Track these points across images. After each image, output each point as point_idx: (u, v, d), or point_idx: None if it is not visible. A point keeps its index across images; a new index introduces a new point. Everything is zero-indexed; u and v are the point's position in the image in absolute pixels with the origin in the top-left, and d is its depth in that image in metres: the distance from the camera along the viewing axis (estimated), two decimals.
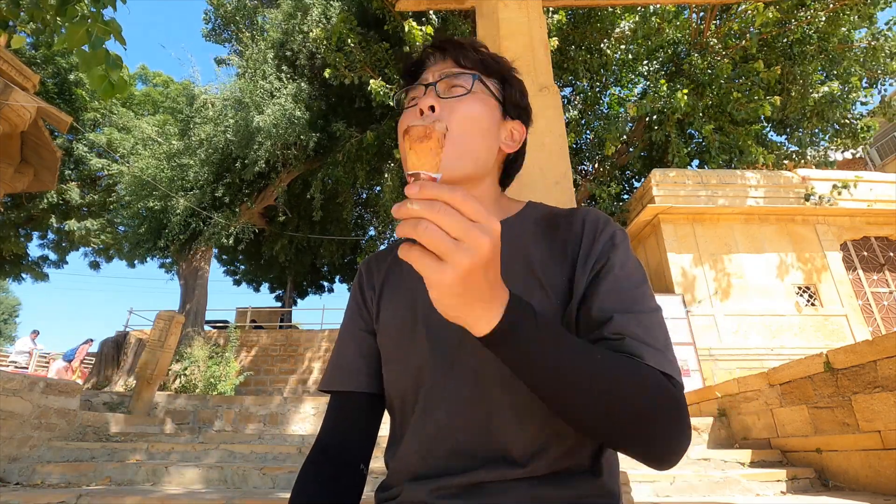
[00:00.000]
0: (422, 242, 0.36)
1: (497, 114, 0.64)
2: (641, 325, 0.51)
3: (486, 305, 0.40)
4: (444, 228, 0.36)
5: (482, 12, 2.18)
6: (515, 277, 0.58)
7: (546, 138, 1.74)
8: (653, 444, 0.47)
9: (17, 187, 6.22)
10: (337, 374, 0.69)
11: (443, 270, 0.36)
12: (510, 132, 0.67)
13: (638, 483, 2.97)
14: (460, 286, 0.37)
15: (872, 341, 2.91)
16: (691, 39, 9.38)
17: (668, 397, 0.47)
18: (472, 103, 0.61)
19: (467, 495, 0.54)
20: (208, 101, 10.74)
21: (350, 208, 12.88)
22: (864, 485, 2.90)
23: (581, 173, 10.22)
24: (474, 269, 0.37)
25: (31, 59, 11.64)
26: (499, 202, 0.69)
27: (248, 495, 2.70)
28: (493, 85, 0.65)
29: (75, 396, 4.00)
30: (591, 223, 0.60)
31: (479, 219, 0.37)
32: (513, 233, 0.63)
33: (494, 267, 0.40)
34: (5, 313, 38.02)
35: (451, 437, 0.57)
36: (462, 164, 0.60)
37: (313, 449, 0.65)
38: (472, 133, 0.60)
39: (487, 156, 0.63)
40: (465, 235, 0.36)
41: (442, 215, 0.36)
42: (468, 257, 0.36)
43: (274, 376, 12.04)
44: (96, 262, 15.69)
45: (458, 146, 0.59)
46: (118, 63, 2.16)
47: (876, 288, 8.01)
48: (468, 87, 0.62)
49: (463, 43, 0.65)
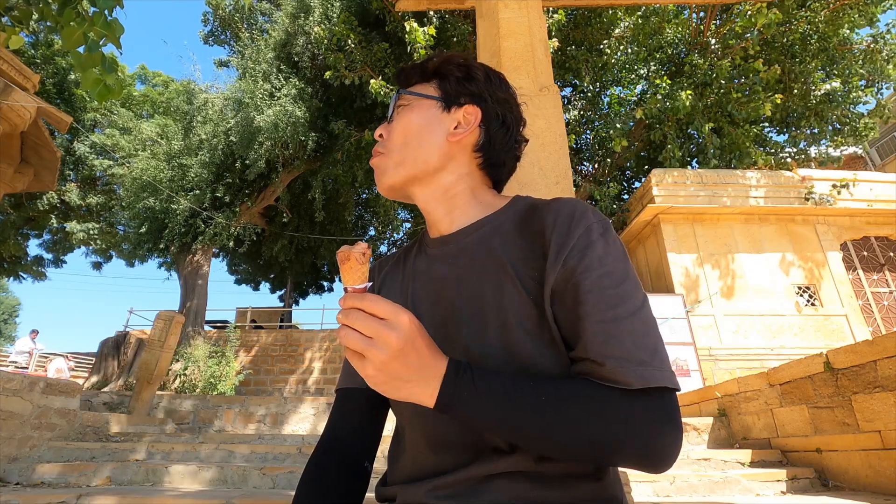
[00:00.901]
0: (344, 344, 0.45)
1: (433, 111, 0.67)
2: (623, 337, 0.50)
3: (418, 384, 0.47)
4: (360, 330, 0.44)
5: (482, 12, 2.18)
6: (487, 275, 0.59)
7: (546, 138, 1.74)
8: (634, 461, 0.49)
9: (17, 187, 6.21)
10: (343, 373, 0.71)
11: (364, 365, 0.45)
12: (459, 119, 0.67)
13: (638, 483, 2.97)
14: (383, 374, 0.45)
15: (872, 341, 2.90)
16: (691, 39, 9.38)
17: (645, 419, 0.48)
18: (402, 116, 0.68)
19: (464, 495, 0.54)
20: (208, 100, 10.74)
21: (350, 208, 12.89)
22: (865, 485, 2.90)
23: (581, 173, 10.22)
24: (388, 359, 0.44)
25: (31, 60, 11.65)
26: (477, 198, 0.68)
27: (248, 495, 2.70)
28: (429, 87, 0.69)
29: (75, 396, 4.00)
30: (565, 215, 0.57)
31: (386, 316, 0.44)
32: (488, 231, 0.63)
33: (414, 351, 0.46)
34: (5, 313, 38.02)
35: (442, 432, 0.57)
36: (401, 169, 0.66)
37: (317, 446, 0.66)
38: (404, 139, 0.66)
39: (429, 152, 0.65)
40: (374, 334, 0.44)
41: (355, 320, 0.44)
42: (380, 352, 0.44)
43: (274, 376, 12.04)
44: (97, 263, 15.70)
45: (393, 156, 0.66)
46: (114, 66, 2.14)
47: (876, 288, 8.01)
48: (401, 104, 0.69)
49: (405, 69, 0.71)
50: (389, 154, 0.67)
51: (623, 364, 0.49)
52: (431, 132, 0.66)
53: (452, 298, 0.61)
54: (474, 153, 0.68)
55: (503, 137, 0.68)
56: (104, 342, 10.04)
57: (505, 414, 0.48)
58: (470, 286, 0.60)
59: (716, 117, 8.74)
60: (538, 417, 0.48)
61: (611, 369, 0.49)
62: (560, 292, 0.54)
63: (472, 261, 0.62)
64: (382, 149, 0.68)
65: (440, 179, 0.67)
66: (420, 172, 0.66)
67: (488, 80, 0.69)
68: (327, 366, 12.25)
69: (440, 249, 0.66)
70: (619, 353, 0.49)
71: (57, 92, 12.45)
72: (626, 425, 0.47)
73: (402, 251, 0.76)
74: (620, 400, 0.48)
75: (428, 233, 0.71)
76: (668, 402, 0.49)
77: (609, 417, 0.48)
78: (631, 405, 0.48)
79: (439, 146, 0.66)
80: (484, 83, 0.68)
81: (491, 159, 0.69)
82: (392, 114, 0.70)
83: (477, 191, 0.68)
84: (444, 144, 0.66)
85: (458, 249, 0.64)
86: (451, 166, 0.67)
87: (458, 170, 0.67)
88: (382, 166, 0.67)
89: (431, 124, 0.66)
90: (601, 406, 0.48)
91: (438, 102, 0.67)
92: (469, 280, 0.60)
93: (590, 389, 0.49)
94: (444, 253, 0.65)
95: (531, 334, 0.54)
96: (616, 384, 0.49)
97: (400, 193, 0.69)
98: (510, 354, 0.54)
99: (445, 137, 0.66)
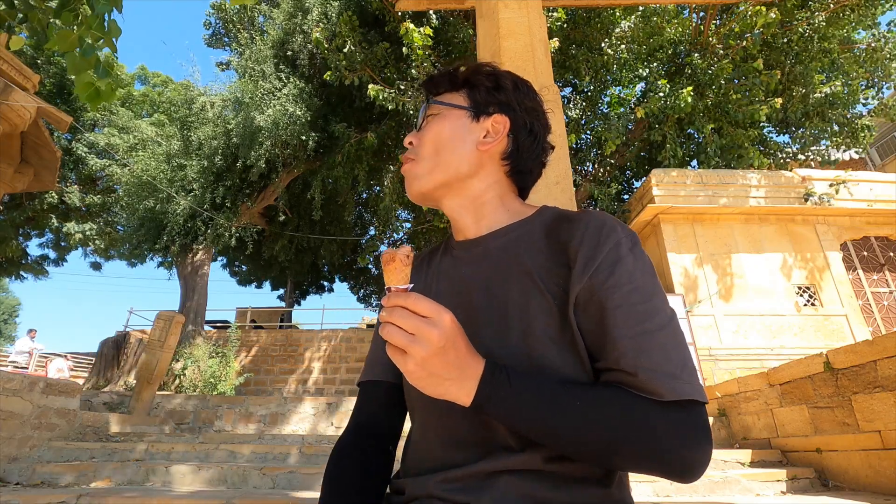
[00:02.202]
0: (388, 340, 0.47)
1: (463, 120, 0.69)
2: (653, 351, 0.51)
3: (456, 383, 0.49)
4: (402, 327, 0.46)
5: (482, 12, 2.17)
6: (512, 280, 0.60)
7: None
8: (663, 471, 0.49)
9: (17, 187, 6.21)
10: (366, 367, 0.75)
11: (405, 360, 0.47)
12: (488, 128, 0.68)
13: (638, 483, 2.97)
14: (423, 370, 0.47)
15: (872, 341, 2.90)
16: (691, 39, 9.38)
17: (676, 430, 0.49)
18: (432, 124, 0.70)
19: (472, 489, 0.55)
20: (207, 102, 10.73)
21: (350, 209, 12.88)
22: (865, 485, 2.90)
23: (581, 173, 10.21)
24: (429, 356, 0.46)
25: (31, 60, 11.64)
26: (505, 205, 0.70)
27: (248, 495, 2.70)
28: (458, 97, 0.71)
29: (75, 396, 4.00)
30: (594, 228, 0.58)
31: (429, 314, 0.46)
32: (515, 237, 0.65)
33: (454, 350, 0.48)
34: (5, 313, 37.99)
35: (455, 430, 0.59)
36: (433, 176, 0.68)
37: (343, 433, 0.70)
38: (435, 148, 0.68)
39: (459, 160, 0.67)
40: (416, 331, 0.46)
41: (398, 317, 0.46)
42: (421, 348, 0.46)
43: (274, 376, 12.04)
44: (97, 263, 15.69)
45: (425, 164, 0.68)
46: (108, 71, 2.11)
47: (876, 288, 8.01)
48: (430, 113, 0.71)
49: (434, 77, 0.73)
50: (420, 162, 0.69)
51: (655, 376, 0.50)
52: (462, 141, 0.68)
53: (476, 300, 0.62)
54: (502, 161, 0.70)
55: (531, 145, 0.70)
56: (104, 342, 10.03)
57: (540, 415, 0.49)
58: (494, 289, 0.61)
59: (716, 117, 8.74)
60: (572, 420, 0.49)
61: (644, 380, 0.50)
62: (584, 303, 0.55)
63: (497, 265, 0.63)
64: (414, 155, 0.70)
65: (470, 187, 0.69)
66: (451, 179, 0.68)
67: (517, 89, 0.71)
68: (327, 366, 12.25)
69: (466, 252, 0.68)
70: (650, 364, 0.50)
71: (57, 92, 12.45)
72: (657, 435, 0.48)
73: (428, 252, 0.78)
74: (652, 410, 0.49)
75: (453, 236, 0.73)
76: (698, 415, 0.50)
77: (640, 426, 0.49)
78: (663, 416, 0.49)
79: (469, 154, 0.68)
80: (513, 92, 0.70)
81: (519, 167, 0.70)
82: (422, 122, 0.72)
83: (505, 198, 0.70)
84: (473, 153, 0.68)
85: (485, 253, 0.66)
86: (480, 174, 0.69)
87: (487, 178, 0.69)
88: (414, 173, 0.69)
89: (461, 133, 0.68)
90: (634, 414, 0.49)
91: (468, 112, 0.69)
92: (494, 283, 0.62)
93: (623, 397, 0.50)
94: (471, 255, 0.67)
95: (554, 340, 0.55)
96: (649, 394, 0.50)
97: (430, 200, 0.71)
98: (532, 358, 0.55)
99: (475, 146, 0.68)
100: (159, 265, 13.24)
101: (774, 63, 8.83)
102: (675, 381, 0.50)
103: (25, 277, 14.58)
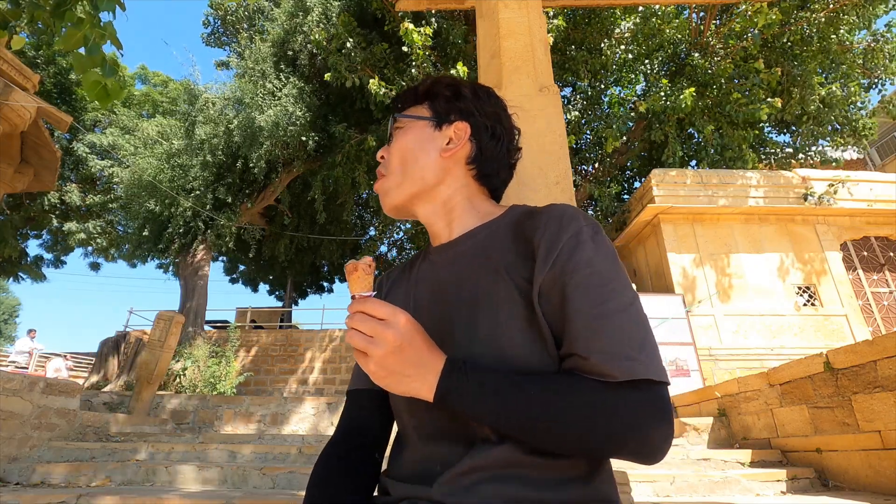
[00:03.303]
0: (351, 344, 0.51)
1: (426, 130, 0.72)
2: (607, 333, 0.51)
3: (417, 380, 0.52)
4: (362, 331, 0.50)
5: (482, 12, 2.17)
6: (482, 277, 0.62)
7: (546, 138, 1.74)
8: (623, 453, 0.50)
9: (17, 187, 6.21)
10: (353, 377, 0.76)
11: (367, 361, 0.51)
12: (450, 136, 0.71)
13: (638, 483, 2.97)
14: (383, 370, 0.51)
15: (872, 341, 2.90)
16: (691, 39, 9.38)
17: (630, 411, 0.49)
18: (398, 138, 0.73)
19: (456, 493, 0.54)
20: (208, 101, 10.73)
21: (350, 208, 12.88)
22: (865, 485, 2.90)
23: (581, 173, 10.21)
24: (386, 354, 0.50)
25: (31, 60, 11.64)
26: (475, 208, 0.72)
27: (248, 495, 2.70)
28: (421, 109, 0.74)
29: (75, 396, 4.00)
30: (555, 218, 0.60)
31: (385, 317, 0.50)
32: (484, 236, 0.67)
33: (411, 348, 0.51)
34: (5, 313, 38.01)
35: (433, 424, 0.60)
36: (403, 189, 0.71)
37: (329, 440, 0.70)
38: (402, 160, 0.71)
39: (424, 169, 0.70)
40: (374, 332, 0.50)
41: (357, 322, 0.50)
42: (379, 348, 0.50)
43: (274, 376, 12.04)
44: (96, 263, 15.69)
45: (394, 177, 0.72)
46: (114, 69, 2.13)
47: (876, 288, 8.01)
48: (397, 126, 0.75)
49: (398, 94, 0.78)
50: (390, 176, 0.72)
51: (608, 357, 0.50)
52: (425, 150, 0.71)
53: (450, 299, 0.64)
54: (468, 165, 0.72)
55: (494, 148, 0.72)
56: (104, 342, 10.02)
57: (495, 406, 0.51)
58: (466, 287, 0.63)
59: (716, 117, 8.74)
60: (525, 409, 0.50)
61: (595, 363, 0.51)
62: (548, 291, 0.56)
63: (470, 264, 0.65)
64: (384, 170, 0.74)
65: (439, 194, 0.71)
66: (419, 190, 0.71)
67: (476, 96, 0.73)
68: (327, 366, 12.24)
69: (441, 256, 0.71)
70: (605, 347, 0.51)
71: (57, 92, 12.45)
72: (611, 417, 0.49)
73: (409, 261, 0.81)
74: (605, 392, 0.50)
75: (431, 243, 0.76)
76: (655, 395, 0.50)
77: (593, 409, 0.49)
78: (616, 397, 0.49)
79: (433, 163, 0.70)
80: (472, 100, 0.73)
81: (485, 170, 0.73)
82: (390, 137, 0.76)
83: (474, 200, 0.73)
84: (438, 160, 0.70)
85: (457, 254, 0.68)
86: (447, 180, 0.71)
87: (454, 183, 0.71)
88: (385, 188, 0.73)
89: (425, 143, 0.71)
90: (585, 398, 0.50)
91: (430, 122, 0.72)
92: (465, 282, 0.64)
93: (575, 383, 0.51)
94: (445, 258, 0.70)
95: (522, 332, 0.56)
96: (601, 377, 0.50)
97: (404, 212, 0.74)
98: (500, 350, 0.56)
99: (439, 154, 0.71)
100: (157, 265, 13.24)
101: (774, 63, 8.83)
102: (629, 362, 0.50)
103: (24, 279, 14.56)
